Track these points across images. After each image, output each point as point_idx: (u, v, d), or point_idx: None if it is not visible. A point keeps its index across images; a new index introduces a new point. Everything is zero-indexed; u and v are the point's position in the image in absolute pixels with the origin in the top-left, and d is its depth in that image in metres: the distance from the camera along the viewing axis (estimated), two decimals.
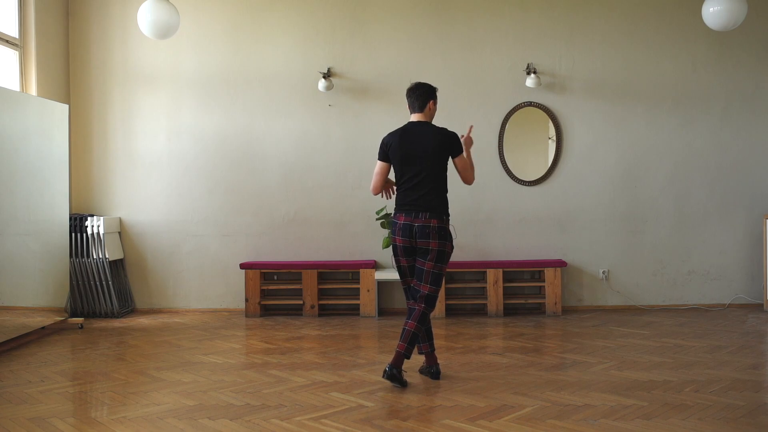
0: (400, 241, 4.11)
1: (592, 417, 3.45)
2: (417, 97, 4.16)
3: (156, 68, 6.75)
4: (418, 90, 4.17)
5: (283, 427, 3.37)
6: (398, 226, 4.09)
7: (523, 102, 6.59)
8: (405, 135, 4.11)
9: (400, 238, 4.10)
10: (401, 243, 4.11)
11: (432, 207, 4.05)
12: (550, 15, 6.59)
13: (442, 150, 4.08)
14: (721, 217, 6.60)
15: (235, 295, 6.72)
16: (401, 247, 4.13)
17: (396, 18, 6.65)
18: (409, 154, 4.07)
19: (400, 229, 4.08)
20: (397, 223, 4.10)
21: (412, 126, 4.15)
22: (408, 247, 4.11)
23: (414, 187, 4.07)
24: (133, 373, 4.45)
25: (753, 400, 3.68)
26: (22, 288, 5.51)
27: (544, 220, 6.60)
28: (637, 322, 5.97)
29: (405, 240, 4.08)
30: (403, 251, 4.13)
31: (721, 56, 6.55)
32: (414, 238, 4.06)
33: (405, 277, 4.21)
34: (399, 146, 4.09)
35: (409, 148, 4.07)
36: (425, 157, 4.05)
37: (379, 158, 4.20)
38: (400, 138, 4.10)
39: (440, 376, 4.22)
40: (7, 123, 5.31)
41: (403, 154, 4.08)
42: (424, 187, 4.06)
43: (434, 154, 4.06)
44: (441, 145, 4.08)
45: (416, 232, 4.04)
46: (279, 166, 6.72)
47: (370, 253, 6.66)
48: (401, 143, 4.09)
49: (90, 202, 6.83)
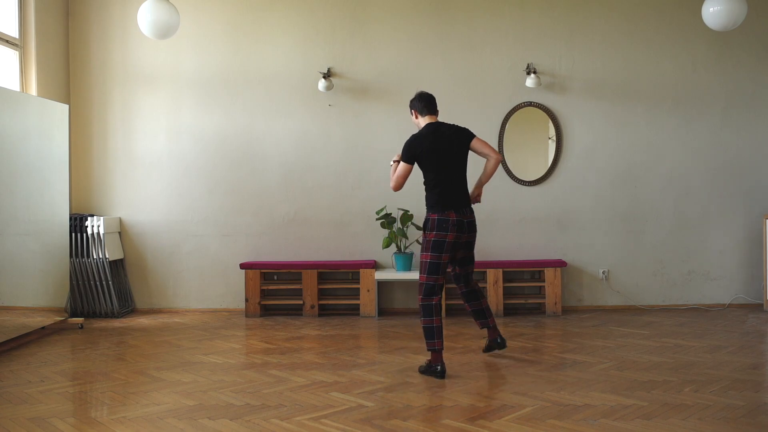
0: (452, 237, 4.25)
1: (592, 417, 3.45)
2: (430, 101, 4.40)
3: (156, 68, 6.75)
4: (431, 96, 4.42)
5: (283, 427, 3.37)
6: (451, 222, 4.23)
7: (523, 102, 6.59)
8: (437, 135, 4.30)
9: (453, 234, 4.24)
10: (453, 239, 4.26)
11: (469, 202, 4.39)
12: (550, 15, 6.59)
13: (466, 145, 4.34)
14: (721, 217, 6.60)
15: (235, 295, 6.72)
16: (451, 243, 4.27)
17: (396, 18, 6.65)
18: (444, 153, 4.28)
19: (454, 225, 4.24)
20: (448, 220, 4.23)
21: (440, 126, 4.35)
22: (456, 243, 4.30)
23: (453, 184, 4.29)
24: (133, 373, 4.46)
25: (753, 400, 3.68)
26: (22, 288, 5.51)
27: (544, 220, 6.60)
28: (637, 322, 5.97)
29: (457, 235, 4.26)
30: (451, 246, 4.28)
31: (721, 56, 6.55)
32: (463, 233, 4.28)
33: (443, 274, 4.30)
34: (433, 147, 4.26)
35: (445, 147, 4.28)
36: (460, 153, 4.32)
37: (405, 160, 4.32)
38: (434, 138, 4.28)
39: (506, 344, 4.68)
40: (7, 123, 5.31)
41: (439, 154, 4.27)
42: (460, 183, 4.34)
43: (463, 151, 4.34)
44: (467, 139, 4.33)
45: (466, 227, 4.29)
46: (279, 166, 6.72)
47: (370, 253, 6.66)
48: (435, 143, 4.27)
49: (90, 202, 6.83)
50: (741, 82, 6.56)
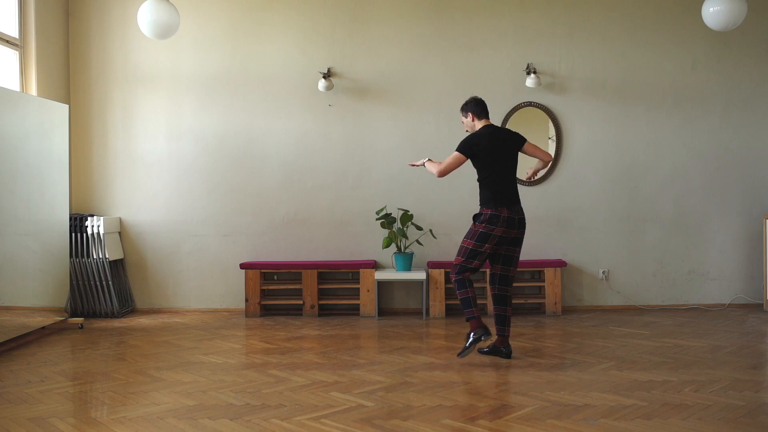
0: (500, 231, 4.50)
1: (592, 417, 3.45)
2: (485, 106, 4.76)
3: (156, 68, 6.76)
4: (484, 101, 4.79)
5: (283, 427, 3.37)
6: (502, 218, 4.49)
7: (523, 102, 6.59)
8: (495, 134, 4.64)
9: (502, 229, 4.50)
10: (501, 233, 4.51)
11: (519, 200, 4.66)
12: (550, 15, 6.60)
13: (518, 148, 4.68)
14: (721, 216, 6.60)
15: (235, 295, 6.72)
16: (498, 237, 4.52)
17: (396, 18, 6.65)
18: (499, 152, 4.59)
19: (505, 220, 4.50)
20: (500, 216, 4.49)
21: (496, 128, 4.71)
22: (503, 237, 4.53)
23: (505, 182, 4.59)
24: (133, 373, 4.46)
25: (753, 400, 3.68)
26: (22, 288, 5.51)
27: (544, 220, 6.60)
28: (637, 322, 5.98)
29: (506, 230, 4.52)
30: (498, 240, 4.53)
31: (721, 56, 6.55)
32: (514, 228, 4.53)
33: (478, 259, 4.52)
34: (490, 146, 4.57)
35: (501, 147, 4.60)
36: (512, 154, 4.65)
37: (463, 152, 4.60)
38: (491, 137, 4.60)
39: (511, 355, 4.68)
40: (7, 123, 5.31)
41: (494, 153, 4.58)
42: (512, 182, 4.63)
43: (515, 152, 4.67)
44: (520, 143, 4.68)
45: (516, 223, 4.55)
46: (279, 166, 6.72)
47: (370, 253, 6.66)
48: (492, 142, 4.58)
49: (90, 202, 6.83)
50: (741, 82, 6.56)
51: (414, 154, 6.60)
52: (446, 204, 6.58)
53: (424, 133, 6.64)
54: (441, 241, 6.55)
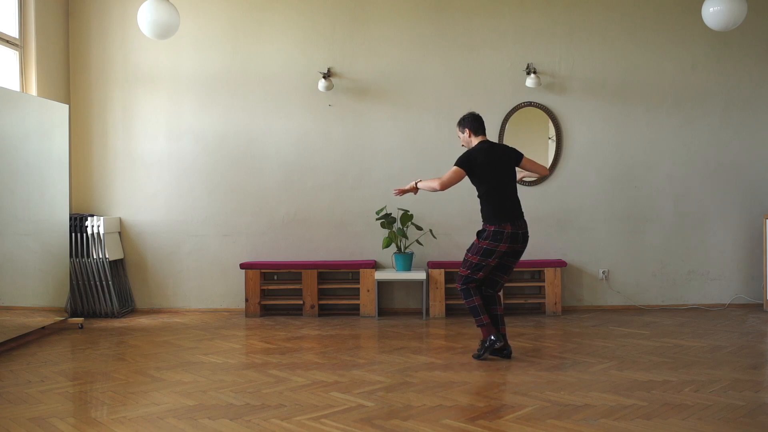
0: (505, 247, 4.54)
1: (592, 417, 3.45)
2: (482, 123, 4.77)
3: (156, 68, 6.75)
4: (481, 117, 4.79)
5: (283, 427, 3.37)
6: (506, 234, 4.52)
7: (523, 102, 6.59)
8: (492, 150, 4.66)
9: (506, 245, 4.54)
10: (505, 249, 4.55)
11: (522, 214, 4.66)
12: (550, 15, 6.60)
13: (516, 163, 4.72)
14: (720, 217, 6.60)
15: (235, 295, 6.72)
16: (503, 252, 4.57)
17: (396, 18, 6.65)
18: (497, 167, 4.60)
19: (509, 237, 4.53)
20: (503, 232, 4.52)
21: (493, 144, 4.74)
22: (507, 252, 4.58)
23: (506, 197, 4.61)
24: (133, 373, 4.46)
25: (753, 400, 3.68)
26: (22, 288, 5.51)
27: (543, 220, 6.60)
28: (637, 322, 5.98)
29: (510, 246, 4.55)
30: (502, 254, 4.58)
31: (721, 56, 6.55)
32: (517, 243, 4.57)
33: (483, 272, 4.59)
34: (488, 161, 4.59)
35: (497, 162, 4.62)
36: (510, 169, 4.67)
37: (461, 166, 4.58)
38: (488, 153, 4.62)
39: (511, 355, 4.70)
40: (7, 123, 5.31)
41: (492, 168, 4.59)
42: (513, 196, 4.65)
43: (513, 167, 4.69)
44: (517, 158, 4.71)
45: (521, 237, 4.58)
46: (279, 166, 6.72)
47: (370, 253, 6.66)
48: (490, 158, 4.60)
49: (90, 202, 6.83)
50: (741, 82, 6.56)
51: (414, 154, 6.62)
52: (446, 204, 6.58)
53: (424, 133, 6.65)
54: (441, 241, 6.55)
